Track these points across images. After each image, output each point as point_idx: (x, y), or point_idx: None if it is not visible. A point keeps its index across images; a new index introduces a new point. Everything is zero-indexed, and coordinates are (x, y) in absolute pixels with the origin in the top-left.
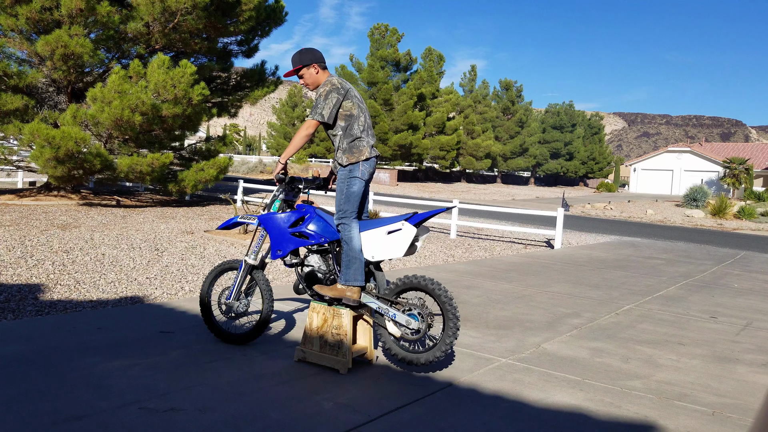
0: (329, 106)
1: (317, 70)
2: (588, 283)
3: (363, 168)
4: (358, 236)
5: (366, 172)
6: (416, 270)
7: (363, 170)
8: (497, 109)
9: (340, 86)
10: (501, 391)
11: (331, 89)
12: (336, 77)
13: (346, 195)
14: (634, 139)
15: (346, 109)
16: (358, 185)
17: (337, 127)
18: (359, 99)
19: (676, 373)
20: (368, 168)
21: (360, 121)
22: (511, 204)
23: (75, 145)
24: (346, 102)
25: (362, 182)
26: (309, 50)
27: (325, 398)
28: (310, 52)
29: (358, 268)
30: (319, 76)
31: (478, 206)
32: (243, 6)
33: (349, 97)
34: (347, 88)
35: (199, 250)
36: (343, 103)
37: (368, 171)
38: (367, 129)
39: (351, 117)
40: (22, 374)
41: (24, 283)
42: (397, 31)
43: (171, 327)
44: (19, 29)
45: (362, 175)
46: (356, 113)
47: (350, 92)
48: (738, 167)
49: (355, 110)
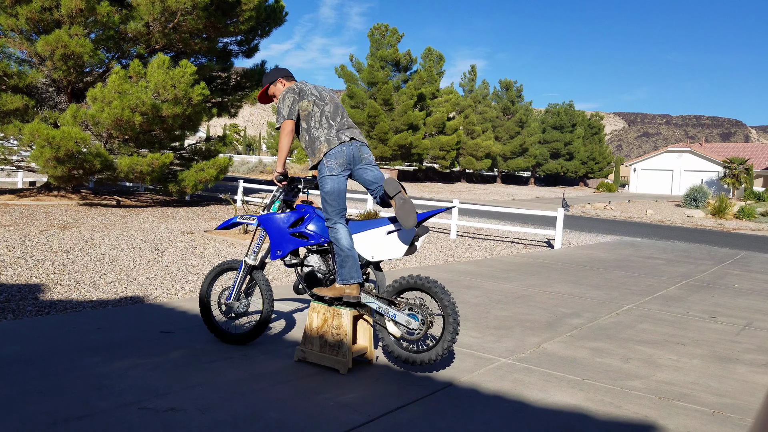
0: (287, 105)
1: (283, 84)
2: (588, 283)
3: (329, 163)
4: (346, 235)
5: (335, 165)
6: (416, 270)
7: (330, 164)
8: (497, 109)
9: (296, 87)
10: (501, 391)
11: (286, 92)
12: (295, 83)
13: (323, 197)
14: (634, 139)
15: (303, 108)
16: (330, 183)
17: (302, 132)
18: (318, 96)
19: (676, 373)
20: (335, 159)
21: (316, 117)
22: (511, 204)
23: (75, 145)
24: (302, 102)
25: (334, 178)
26: (274, 69)
27: (325, 398)
28: (275, 70)
29: (353, 265)
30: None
31: (478, 206)
32: (243, 6)
33: (305, 96)
34: (303, 88)
35: (199, 250)
36: (300, 103)
37: (337, 162)
38: (326, 120)
39: (309, 115)
40: (22, 374)
41: (24, 283)
42: (397, 31)
43: (171, 327)
44: (19, 29)
45: (330, 170)
46: (311, 109)
47: (306, 92)
48: (738, 167)
49: (311, 107)
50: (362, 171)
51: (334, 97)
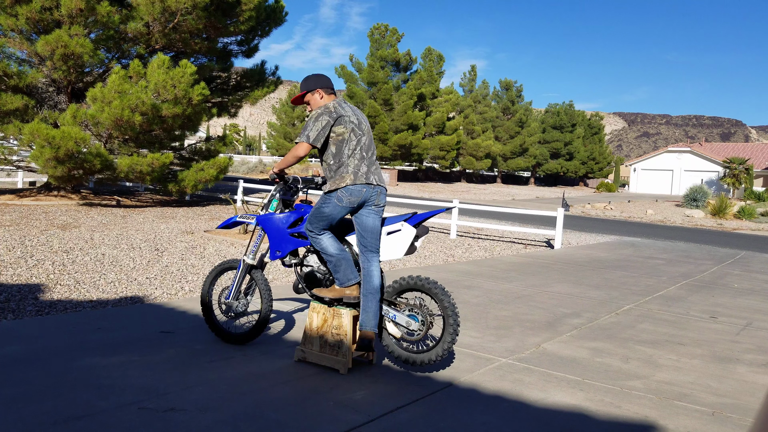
0: (317, 129)
1: (321, 96)
2: (588, 283)
3: (341, 194)
4: (331, 242)
5: (344, 198)
6: (416, 270)
7: (341, 196)
8: (497, 109)
9: (334, 110)
10: (501, 391)
11: (323, 112)
12: (335, 101)
13: (317, 210)
14: (634, 139)
15: (337, 133)
16: (330, 208)
17: (327, 153)
18: (356, 124)
19: (676, 373)
20: (350, 195)
21: (350, 145)
22: (511, 204)
23: (75, 145)
24: (337, 127)
25: (337, 207)
26: (315, 76)
27: (325, 398)
28: (315, 78)
29: (347, 267)
30: (323, 101)
31: (478, 206)
32: (243, 6)
33: (342, 122)
34: (342, 113)
35: (199, 250)
36: (334, 127)
37: (350, 198)
38: (359, 152)
39: (342, 142)
40: (22, 374)
41: (24, 283)
42: (397, 31)
43: (171, 327)
44: (19, 29)
45: (339, 200)
46: (347, 137)
47: (345, 117)
48: (738, 167)
49: (347, 134)
50: (366, 214)
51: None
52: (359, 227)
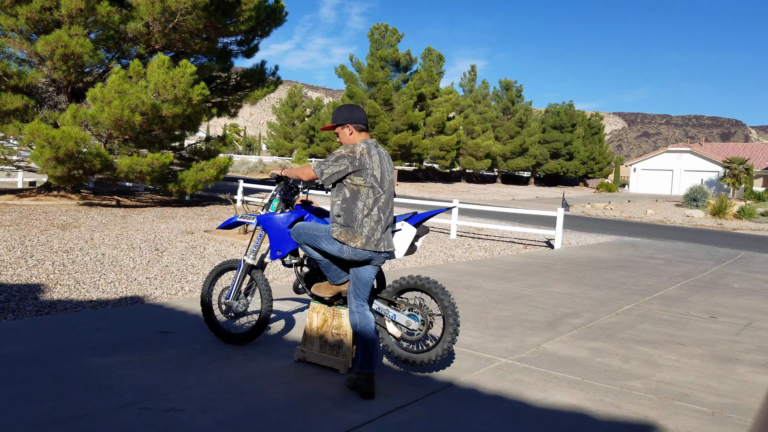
0: (333, 171)
1: (351, 131)
2: (588, 283)
3: (346, 250)
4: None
5: (347, 254)
6: (416, 270)
7: (344, 250)
8: (497, 109)
9: (359, 158)
10: (501, 391)
11: (347, 155)
12: (366, 144)
13: (314, 236)
14: (634, 139)
15: (354, 183)
16: (330, 250)
17: (341, 194)
18: (377, 179)
19: (676, 373)
20: (353, 255)
21: (367, 202)
22: (511, 204)
23: (75, 145)
24: (356, 177)
25: (337, 255)
26: (348, 109)
27: (325, 398)
28: (346, 110)
29: (336, 268)
30: (353, 137)
31: (478, 206)
32: (243, 6)
33: (363, 174)
34: (364, 162)
35: (199, 250)
36: (352, 175)
37: (351, 256)
38: (377, 212)
39: (357, 194)
40: (22, 374)
41: (24, 283)
42: (397, 31)
43: (171, 327)
44: (19, 29)
45: (341, 252)
46: (365, 192)
47: (366, 170)
48: (738, 167)
49: (365, 189)
50: (364, 269)
51: (392, 179)
52: (354, 277)
